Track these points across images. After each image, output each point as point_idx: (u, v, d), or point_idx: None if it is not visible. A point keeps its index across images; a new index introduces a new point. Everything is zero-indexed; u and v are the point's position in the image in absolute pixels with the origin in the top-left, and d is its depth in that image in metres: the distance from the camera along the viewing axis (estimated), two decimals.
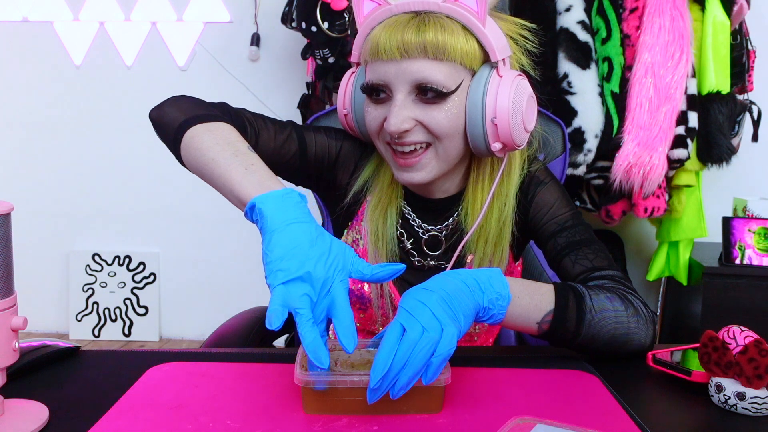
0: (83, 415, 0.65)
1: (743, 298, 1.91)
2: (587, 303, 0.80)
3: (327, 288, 0.65)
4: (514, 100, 0.85)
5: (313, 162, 0.97)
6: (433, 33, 0.82)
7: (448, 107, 0.85)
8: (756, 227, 1.94)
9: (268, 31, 2.58)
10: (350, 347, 0.63)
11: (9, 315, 0.61)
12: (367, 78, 0.88)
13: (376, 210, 0.96)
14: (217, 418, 0.64)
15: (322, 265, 0.66)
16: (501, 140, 0.86)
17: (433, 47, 0.82)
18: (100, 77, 2.69)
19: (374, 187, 0.98)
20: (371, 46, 0.86)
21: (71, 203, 2.77)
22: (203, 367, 0.77)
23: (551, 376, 0.77)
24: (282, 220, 0.68)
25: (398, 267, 0.70)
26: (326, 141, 0.98)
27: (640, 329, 0.82)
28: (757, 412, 0.67)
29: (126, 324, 2.80)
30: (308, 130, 0.98)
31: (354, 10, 0.91)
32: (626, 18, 1.87)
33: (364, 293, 0.98)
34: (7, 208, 0.60)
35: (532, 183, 0.97)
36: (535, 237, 0.98)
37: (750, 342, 0.68)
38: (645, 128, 1.82)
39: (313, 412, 0.65)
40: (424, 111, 0.85)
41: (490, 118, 0.85)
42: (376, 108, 0.88)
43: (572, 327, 0.79)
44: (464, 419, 0.64)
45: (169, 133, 0.86)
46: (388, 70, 0.84)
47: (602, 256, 0.91)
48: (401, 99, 0.84)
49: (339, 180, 1.00)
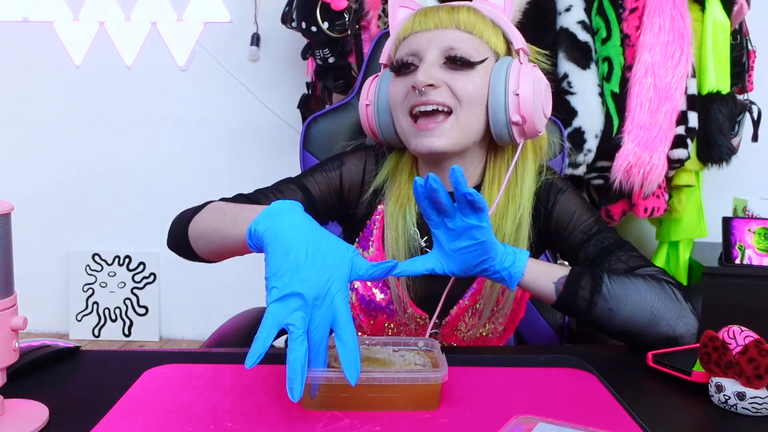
0: (83, 415, 0.65)
1: (743, 298, 1.91)
2: (603, 276, 0.83)
3: (323, 300, 0.63)
4: (534, 81, 0.90)
5: (321, 201, 0.98)
6: (465, 13, 0.92)
7: (474, 76, 0.89)
8: (756, 227, 1.94)
9: (268, 31, 2.58)
10: (353, 379, 0.61)
11: (9, 315, 0.61)
12: (400, 53, 0.93)
13: (395, 207, 0.97)
14: (218, 420, 0.64)
15: (317, 277, 0.62)
16: (522, 113, 0.89)
17: (466, 21, 0.91)
18: (100, 77, 2.69)
19: (392, 186, 0.98)
20: (406, 26, 0.93)
21: (71, 203, 2.77)
22: (200, 369, 0.77)
23: (551, 375, 0.77)
24: (275, 231, 0.65)
25: (390, 264, 0.67)
26: (325, 176, 0.99)
27: (668, 312, 0.81)
28: (757, 412, 0.67)
29: (126, 324, 2.80)
30: (306, 175, 0.99)
31: (389, 16, 1.01)
32: (626, 18, 1.87)
33: (374, 300, 0.98)
34: (7, 208, 0.60)
35: (552, 191, 0.98)
36: (562, 249, 0.98)
37: (750, 342, 0.68)
38: (645, 128, 1.82)
39: (311, 407, 0.66)
40: (451, 75, 0.89)
41: (512, 90, 0.89)
42: (402, 80, 0.92)
43: (586, 294, 0.81)
44: (465, 418, 0.64)
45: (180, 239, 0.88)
46: (421, 39, 0.91)
47: (635, 256, 0.92)
48: (431, 60, 0.89)
49: (350, 202, 1.01)
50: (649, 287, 0.82)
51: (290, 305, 0.61)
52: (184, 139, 2.70)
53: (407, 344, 0.76)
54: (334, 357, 0.71)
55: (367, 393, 0.65)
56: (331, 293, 0.63)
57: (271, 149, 2.66)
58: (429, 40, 0.90)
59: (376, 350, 0.75)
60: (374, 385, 0.65)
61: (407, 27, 0.93)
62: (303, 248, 0.63)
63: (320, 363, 0.64)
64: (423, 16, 0.92)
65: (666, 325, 0.81)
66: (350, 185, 1.00)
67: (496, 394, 0.71)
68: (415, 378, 0.65)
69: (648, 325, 0.81)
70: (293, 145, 2.60)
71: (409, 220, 0.97)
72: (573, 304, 0.82)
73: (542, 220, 0.98)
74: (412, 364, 0.71)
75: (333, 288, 0.63)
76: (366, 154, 1.02)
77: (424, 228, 0.98)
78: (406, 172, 0.99)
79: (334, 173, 1.00)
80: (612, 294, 0.81)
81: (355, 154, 1.02)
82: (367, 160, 1.02)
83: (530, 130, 0.91)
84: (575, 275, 0.83)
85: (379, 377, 0.65)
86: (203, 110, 2.66)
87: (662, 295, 0.82)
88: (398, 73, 0.93)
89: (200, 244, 0.85)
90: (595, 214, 0.97)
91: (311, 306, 0.62)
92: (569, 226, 0.96)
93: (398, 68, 0.92)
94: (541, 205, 0.97)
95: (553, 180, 0.99)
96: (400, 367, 0.70)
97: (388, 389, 0.65)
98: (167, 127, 2.70)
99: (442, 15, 0.91)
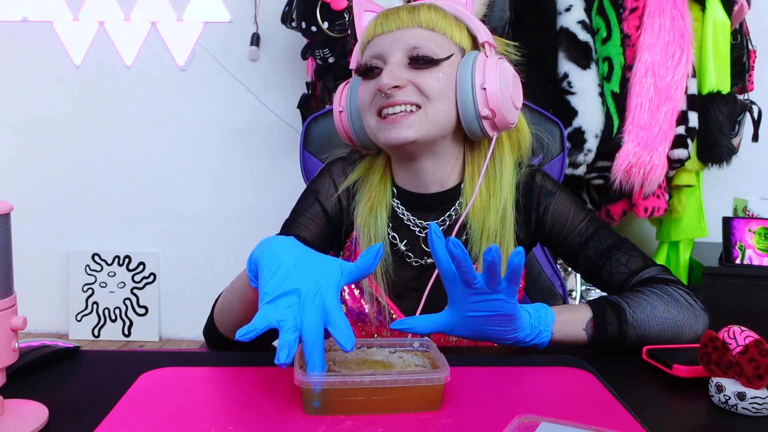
0: (83, 416, 0.65)
1: (743, 298, 1.91)
2: (624, 307, 0.83)
3: (313, 298, 0.63)
4: (500, 74, 0.90)
5: (318, 241, 0.98)
6: (426, 12, 0.91)
7: (439, 72, 0.89)
8: (756, 227, 1.94)
9: (268, 31, 2.58)
10: (348, 345, 0.62)
11: (9, 315, 0.61)
12: (363, 58, 0.93)
13: (365, 209, 0.96)
14: (218, 423, 0.63)
15: (306, 279, 0.64)
16: (490, 107, 0.89)
17: (426, 20, 0.91)
18: (100, 77, 2.69)
19: (363, 188, 0.98)
20: (368, 29, 0.94)
21: (71, 203, 2.77)
22: (197, 372, 0.76)
23: (551, 375, 0.77)
24: (267, 252, 0.68)
25: (375, 247, 0.67)
26: (308, 217, 0.99)
27: (688, 320, 0.84)
28: (758, 412, 0.67)
29: (126, 324, 2.80)
30: (291, 224, 0.99)
31: (355, 21, 1.00)
32: (626, 18, 1.87)
33: (363, 310, 0.98)
34: (7, 208, 0.60)
35: (542, 194, 0.97)
36: (560, 252, 0.98)
37: (750, 342, 0.68)
38: (645, 128, 1.82)
39: (314, 413, 0.65)
40: (416, 74, 0.89)
41: (479, 84, 0.89)
42: (369, 84, 0.91)
43: (615, 329, 0.82)
44: (468, 419, 0.64)
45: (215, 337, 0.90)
46: (384, 41, 0.91)
47: (635, 255, 0.93)
48: (395, 62, 0.89)
49: (341, 224, 1.01)
50: (665, 303, 0.84)
51: (281, 305, 0.63)
52: (184, 139, 2.70)
53: (402, 345, 0.76)
54: (333, 361, 0.71)
55: (371, 396, 0.65)
56: (321, 291, 0.64)
57: (271, 149, 2.66)
58: (392, 42, 0.90)
59: (373, 352, 0.74)
60: (378, 388, 0.64)
61: (370, 30, 0.93)
62: (293, 260, 0.66)
63: (317, 366, 0.63)
64: (384, 18, 0.92)
65: (689, 331, 0.84)
66: (333, 209, 1.00)
67: (497, 393, 0.71)
68: (419, 379, 0.65)
69: (675, 338, 0.84)
70: (293, 145, 2.60)
71: (381, 223, 0.96)
72: (605, 342, 0.83)
73: (534, 222, 0.97)
74: (412, 366, 0.71)
75: (323, 287, 0.64)
76: (333, 169, 1.02)
77: (401, 229, 0.98)
78: (378, 174, 0.98)
79: (314, 208, 0.99)
80: (637, 321, 0.83)
81: (323, 178, 1.02)
82: (342, 172, 1.02)
83: (501, 123, 0.91)
84: (599, 312, 0.83)
85: (383, 379, 0.65)
86: (203, 110, 2.66)
87: (678, 306, 0.85)
88: (365, 77, 0.92)
89: (225, 321, 0.86)
90: (589, 214, 0.97)
91: (302, 303, 0.63)
92: (565, 230, 0.96)
93: (364, 72, 0.92)
94: (533, 207, 0.97)
95: (543, 182, 0.98)
96: (401, 369, 0.70)
97: (392, 392, 0.65)
98: (167, 127, 2.70)
99: (402, 15, 0.91)
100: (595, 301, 0.85)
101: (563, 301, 1.23)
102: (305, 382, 0.64)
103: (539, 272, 1.22)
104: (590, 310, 0.83)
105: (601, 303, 0.85)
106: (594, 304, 0.85)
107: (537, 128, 1.11)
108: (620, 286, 0.92)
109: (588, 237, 0.94)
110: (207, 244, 2.77)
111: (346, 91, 0.98)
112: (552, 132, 1.18)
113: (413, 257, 0.98)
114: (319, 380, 0.64)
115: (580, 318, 0.83)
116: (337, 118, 0.99)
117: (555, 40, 1.86)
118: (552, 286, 1.22)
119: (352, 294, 0.99)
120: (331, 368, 0.68)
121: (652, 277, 0.90)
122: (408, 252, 0.98)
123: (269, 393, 0.70)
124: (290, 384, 0.72)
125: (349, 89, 0.98)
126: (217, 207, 2.74)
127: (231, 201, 2.74)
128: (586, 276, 0.96)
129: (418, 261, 0.97)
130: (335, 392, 0.64)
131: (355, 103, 0.95)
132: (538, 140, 1.16)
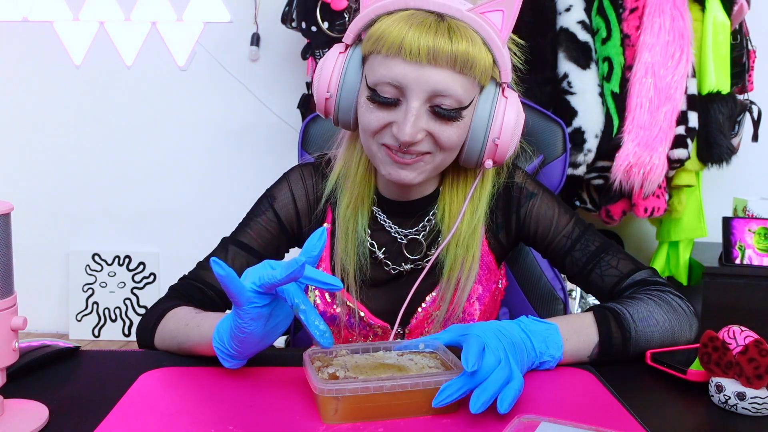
0: (83, 415, 0.65)
1: (743, 298, 1.91)
2: (628, 320, 0.82)
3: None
4: (516, 123, 0.86)
5: (265, 249, 0.98)
6: (465, 45, 0.79)
7: (459, 123, 0.83)
8: (756, 227, 1.94)
9: (268, 31, 2.58)
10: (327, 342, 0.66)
11: (9, 315, 0.61)
12: (380, 74, 0.81)
13: (347, 208, 0.95)
14: (218, 423, 0.63)
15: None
16: (496, 159, 0.87)
17: (463, 60, 0.79)
18: (100, 77, 2.68)
19: (345, 183, 0.96)
20: (392, 40, 0.79)
21: (71, 203, 2.76)
22: (197, 372, 0.76)
23: (550, 374, 0.77)
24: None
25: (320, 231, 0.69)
26: (260, 224, 0.99)
27: (683, 327, 0.85)
28: (757, 412, 0.67)
29: (126, 324, 2.80)
30: (242, 229, 0.99)
31: None
32: (626, 18, 1.87)
33: (336, 314, 0.97)
34: (7, 208, 0.60)
35: (523, 196, 0.96)
36: (547, 254, 0.98)
37: (750, 342, 0.68)
38: (645, 128, 1.82)
39: (333, 421, 0.63)
40: (436, 125, 0.82)
41: (493, 138, 0.85)
42: (381, 112, 0.83)
43: (619, 349, 0.81)
44: (468, 418, 0.64)
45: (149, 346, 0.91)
46: (408, 72, 0.79)
47: (624, 258, 0.93)
48: (416, 107, 0.80)
49: (297, 231, 1.00)
50: (664, 311, 0.84)
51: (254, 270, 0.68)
52: (184, 138, 2.70)
53: (409, 347, 0.74)
54: (347, 367, 0.69)
55: (392, 401, 0.63)
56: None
57: (271, 149, 2.66)
58: (417, 79, 0.79)
59: (382, 356, 0.72)
60: (400, 392, 0.63)
61: (395, 45, 0.79)
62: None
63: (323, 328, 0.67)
64: (416, 36, 0.78)
65: (683, 339, 0.85)
66: (288, 217, 0.99)
67: None
68: (440, 381, 0.64)
69: (671, 343, 0.84)
70: (293, 144, 2.60)
71: (362, 224, 0.95)
72: (611, 355, 0.82)
73: (514, 224, 0.97)
74: (426, 368, 0.69)
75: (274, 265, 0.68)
76: (291, 176, 1.01)
77: (379, 238, 0.97)
78: (362, 170, 0.94)
79: (267, 215, 0.99)
80: (640, 336, 0.82)
81: (281, 185, 1.01)
82: (306, 179, 1.00)
83: (498, 162, 0.89)
84: (605, 326, 0.81)
85: (405, 383, 0.63)
86: (203, 110, 2.66)
87: (674, 314, 0.85)
88: (376, 102, 0.82)
89: (169, 348, 0.86)
90: (573, 215, 0.96)
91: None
92: (551, 232, 0.95)
93: (377, 99, 0.82)
94: (509, 206, 0.96)
95: (524, 184, 0.97)
96: (417, 372, 0.68)
97: (412, 395, 0.64)
98: (167, 127, 2.70)
99: (439, 44, 0.78)
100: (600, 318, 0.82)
101: (564, 304, 1.22)
102: (326, 390, 0.62)
103: (540, 275, 1.22)
104: (594, 325, 0.81)
105: (603, 312, 0.83)
106: (596, 313, 0.83)
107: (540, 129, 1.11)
108: (611, 289, 0.92)
109: (575, 240, 0.94)
110: (207, 244, 2.74)
111: (336, 74, 0.85)
112: (554, 132, 1.17)
113: (391, 264, 0.97)
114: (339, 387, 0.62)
115: (587, 336, 0.81)
116: (321, 102, 0.88)
117: (555, 40, 1.86)
118: (552, 289, 1.22)
119: (323, 298, 0.98)
120: (346, 375, 0.67)
121: (644, 280, 0.90)
122: (386, 260, 0.97)
123: (269, 393, 0.70)
124: (289, 383, 0.72)
125: (341, 74, 0.85)
126: (217, 207, 2.74)
127: (231, 201, 2.74)
128: (574, 279, 0.96)
129: (396, 268, 0.97)
130: (355, 399, 0.63)
131: (347, 91, 0.86)
132: (539, 140, 1.16)
